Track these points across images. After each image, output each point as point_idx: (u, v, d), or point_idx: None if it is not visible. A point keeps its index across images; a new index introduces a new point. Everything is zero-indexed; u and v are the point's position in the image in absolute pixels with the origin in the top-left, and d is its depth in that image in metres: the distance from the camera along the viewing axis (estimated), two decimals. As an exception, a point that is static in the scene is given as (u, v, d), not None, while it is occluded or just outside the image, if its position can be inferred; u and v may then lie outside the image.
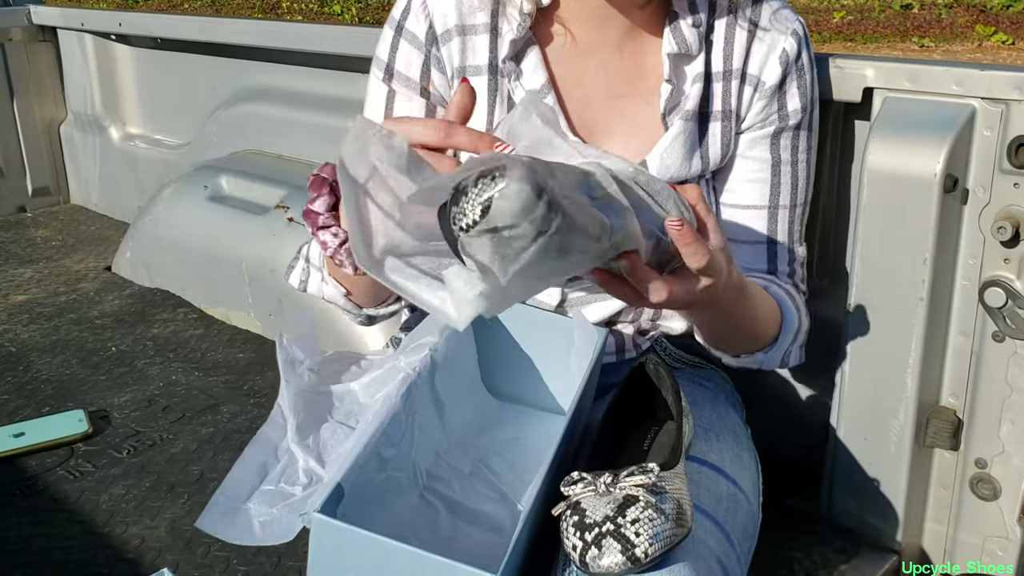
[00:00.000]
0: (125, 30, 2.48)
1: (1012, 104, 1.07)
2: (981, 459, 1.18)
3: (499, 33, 1.06)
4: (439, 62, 1.09)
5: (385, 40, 1.12)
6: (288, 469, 0.89)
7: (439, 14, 1.07)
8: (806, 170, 1.12)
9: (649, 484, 0.77)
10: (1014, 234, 1.08)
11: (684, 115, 1.05)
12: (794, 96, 1.08)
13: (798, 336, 1.11)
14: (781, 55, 1.06)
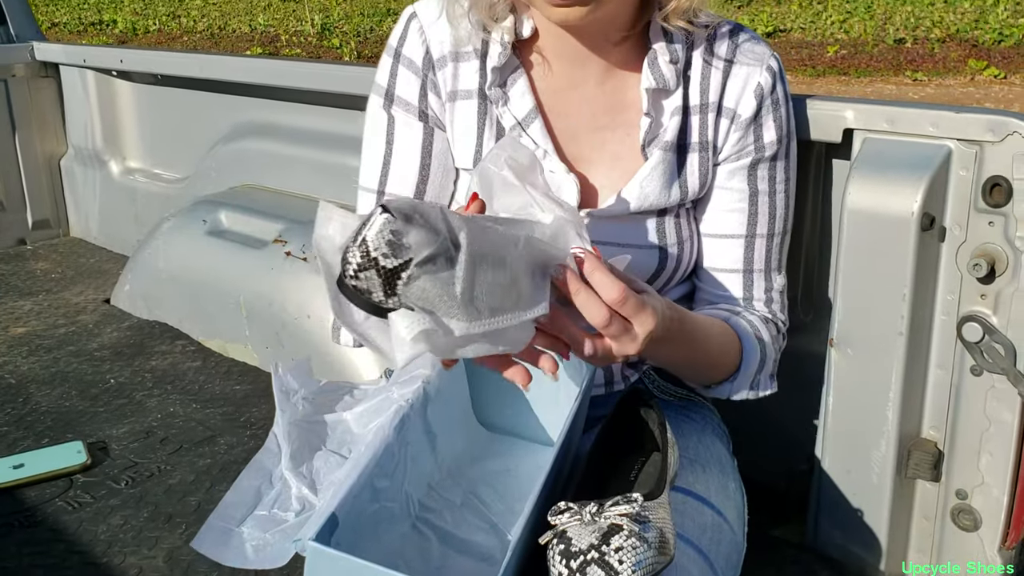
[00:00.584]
0: (126, 66, 2.52)
1: (986, 145, 1.10)
2: (962, 490, 1.21)
3: (487, 60, 1.11)
4: (435, 86, 1.13)
5: (384, 67, 1.16)
6: (281, 495, 0.92)
7: (435, 40, 1.12)
8: (784, 200, 1.15)
9: (633, 513, 0.79)
10: (989, 271, 1.11)
11: (663, 146, 1.08)
12: (770, 128, 1.11)
13: (764, 366, 1.13)
14: (756, 88, 1.09)
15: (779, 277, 1.18)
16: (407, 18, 1.15)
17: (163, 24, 16.66)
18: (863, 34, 12.31)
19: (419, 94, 1.14)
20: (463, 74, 1.12)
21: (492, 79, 1.09)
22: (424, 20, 1.13)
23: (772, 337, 1.14)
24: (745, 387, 1.13)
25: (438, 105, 1.14)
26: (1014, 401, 1.14)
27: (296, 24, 15.58)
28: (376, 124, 1.17)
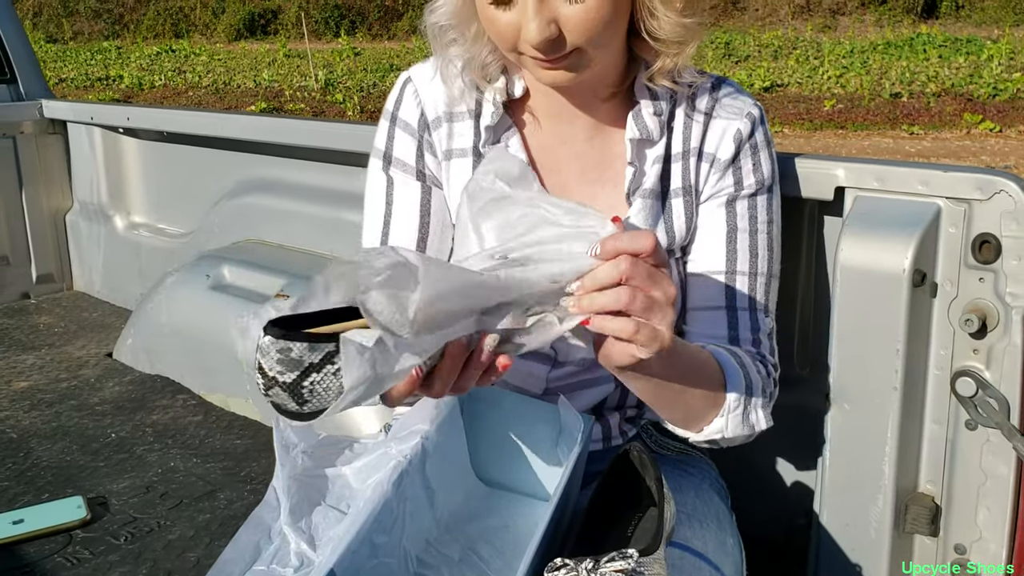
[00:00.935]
0: (133, 124, 2.57)
1: (974, 203, 1.13)
2: (960, 544, 1.21)
3: (481, 118, 1.14)
4: (431, 146, 1.17)
5: (382, 131, 1.20)
6: (280, 551, 0.92)
7: (430, 102, 1.16)
8: (767, 240, 1.14)
9: (628, 569, 0.80)
10: (981, 326, 1.13)
11: (644, 193, 1.11)
12: (748, 168, 1.12)
13: (753, 396, 1.08)
14: (735, 134, 1.12)
15: (766, 320, 1.15)
16: (403, 82, 1.19)
17: (169, 79, 16.91)
18: (859, 89, 12.48)
19: (416, 155, 1.17)
20: (458, 133, 1.15)
21: (486, 137, 1.12)
22: (418, 83, 1.17)
23: (758, 369, 1.11)
24: (739, 422, 1.07)
25: (434, 164, 1.17)
26: (1009, 455, 1.15)
27: (300, 79, 15.82)
28: (376, 186, 1.20)
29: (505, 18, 0.98)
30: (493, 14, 0.98)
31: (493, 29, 1.01)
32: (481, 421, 1.13)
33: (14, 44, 2.83)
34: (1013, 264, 1.11)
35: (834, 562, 1.27)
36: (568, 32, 0.97)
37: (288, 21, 26.57)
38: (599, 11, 0.96)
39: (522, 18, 0.96)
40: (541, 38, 0.95)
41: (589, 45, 0.98)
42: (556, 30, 0.96)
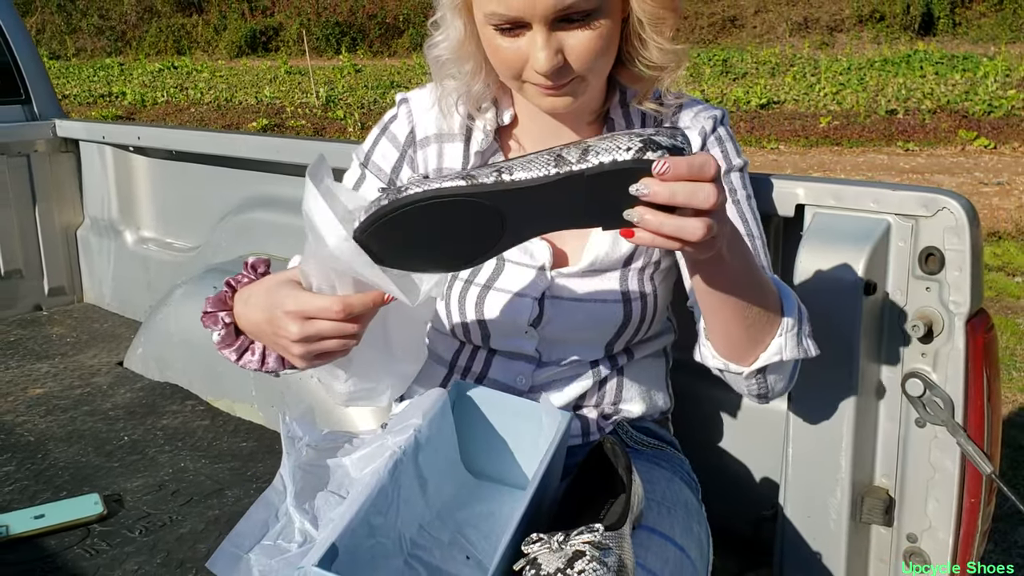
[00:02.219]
0: (143, 143, 2.68)
1: (920, 219, 1.24)
2: (912, 534, 1.32)
3: (470, 143, 1.26)
4: (412, 162, 1.29)
5: (371, 137, 1.33)
6: (286, 528, 1.03)
7: (421, 123, 1.28)
8: (750, 210, 1.23)
9: (595, 541, 0.91)
10: (927, 331, 1.23)
11: None
12: (717, 154, 1.24)
13: (802, 316, 1.11)
14: (700, 130, 1.24)
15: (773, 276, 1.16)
16: (399, 101, 1.31)
17: (171, 96, 17.05)
18: (855, 105, 12.61)
19: (393, 165, 1.29)
20: (448, 154, 1.27)
21: (474, 162, 1.23)
22: (415, 105, 1.29)
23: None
24: (795, 344, 1.09)
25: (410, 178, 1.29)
26: (955, 451, 1.25)
27: (301, 96, 15.96)
28: (350, 177, 1.32)
29: (512, 47, 1.08)
30: (500, 42, 1.08)
31: (498, 57, 1.10)
32: (470, 418, 1.24)
33: (29, 66, 2.95)
34: (955, 275, 1.22)
35: (797, 551, 1.37)
36: (573, 60, 1.08)
37: (289, 38, 26.77)
38: (600, 40, 1.07)
39: (531, 47, 1.07)
40: (550, 66, 1.06)
41: (590, 72, 1.10)
42: (563, 59, 1.07)
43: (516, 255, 1.23)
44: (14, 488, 1.75)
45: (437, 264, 0.98)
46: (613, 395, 1.29)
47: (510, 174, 0.86)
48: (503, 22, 1.06)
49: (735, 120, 11.82)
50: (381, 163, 1.30)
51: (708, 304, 1.06)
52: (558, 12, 1.03)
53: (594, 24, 1.06)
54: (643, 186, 0.83)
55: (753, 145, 10.66)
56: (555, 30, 1.06)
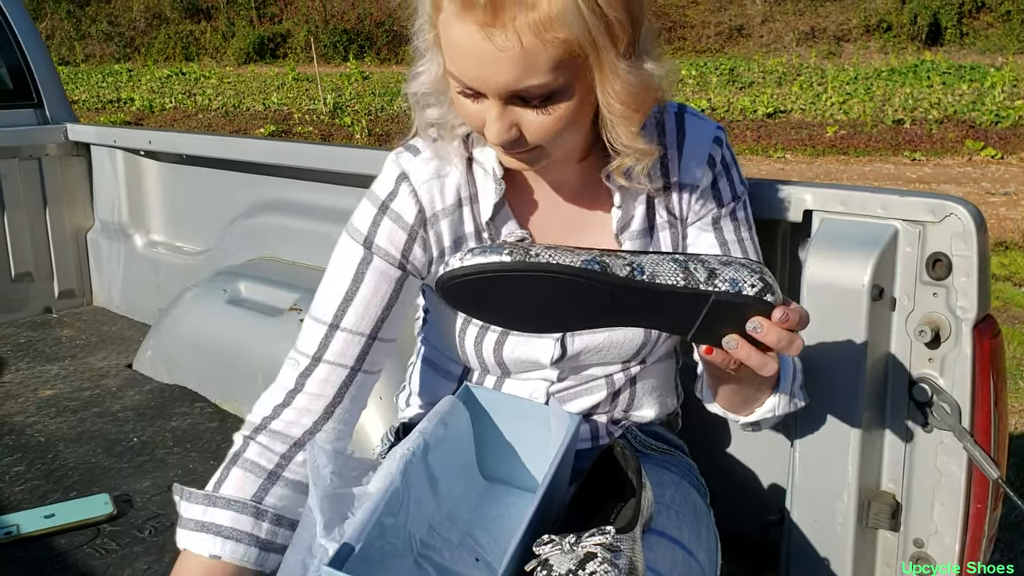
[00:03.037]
0: (154, 147, 2.70)
1: (928, 225, 1.24)
2: (919, 539, 1.32)
3: (476, 200, 1.21)
4: (424, 242, 1.20)
5: (366, 214, 1.20)
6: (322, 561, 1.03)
7: (427, 200, 1.19)
8: (752, 244, 1.26)
9: (606, 543, 0.91)
10: (934, 337, 1.24)
11: (631, 234, 1.21)
12: (725, 189, 1.24)
13: (796, 376, 1.22)
14: (708, 160, 1.22)
15: None
16: (396, 177, 1.20)
17: (179, 102, 17.12)
18: (862, 115, 12.63)
19: (403, 248, 1.19)
20: (458, 222, 1.21)
21: (489, 215, 1.19)
22: (415, 181, 1.19)
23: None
24: (786, 403, 1.20)
25: (422, 259, 1.21)
26: (961, 455, 1.26)
27: (308, 103, 16.01)
28: (347, 258, 1.20)
29: (473, 108, 1.04)
30: (462, 100, 1.05)
31: (462, 112, 1.07)
32: (480, 420, 1.24)
33: (41, 70, 2.97)
34: (962, 280, 1.23)
35: (804, 555, 1.38)
36: (529, 135, 1.03)
37: (297, 45, 26.86)
38: (559, 122, 1.02)
39: (487, 116, 1.02)
40: (501, 140, 1.03)
41: (549, 146, 1.06)
42: (517, 132, 1.03)
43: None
44: (24, 488, 1.77)
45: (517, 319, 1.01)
46: (626, 403, 1.30)
47: (641, 272, 0.92)
48: (462, 87, 1.03)
49: (742, 129, 11.84)
50: (387, 247, 1.19)
51: (714, 378, 1.17)
52: (512, 93, 0.99)
53: (552, 107, 1.01)
54: (758, 326, 0.94)
55: (760, 154, 10.67)
56: (510, 104, 1.01)
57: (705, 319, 0.93)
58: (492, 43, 0.95)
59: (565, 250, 0.92)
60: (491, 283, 0.92)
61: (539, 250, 0.91)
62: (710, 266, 0.93)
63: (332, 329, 1.19)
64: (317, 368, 1.19)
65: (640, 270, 0.92)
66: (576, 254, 0.92)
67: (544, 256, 0.91)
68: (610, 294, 0.93)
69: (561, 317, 0.99)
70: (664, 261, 0.93)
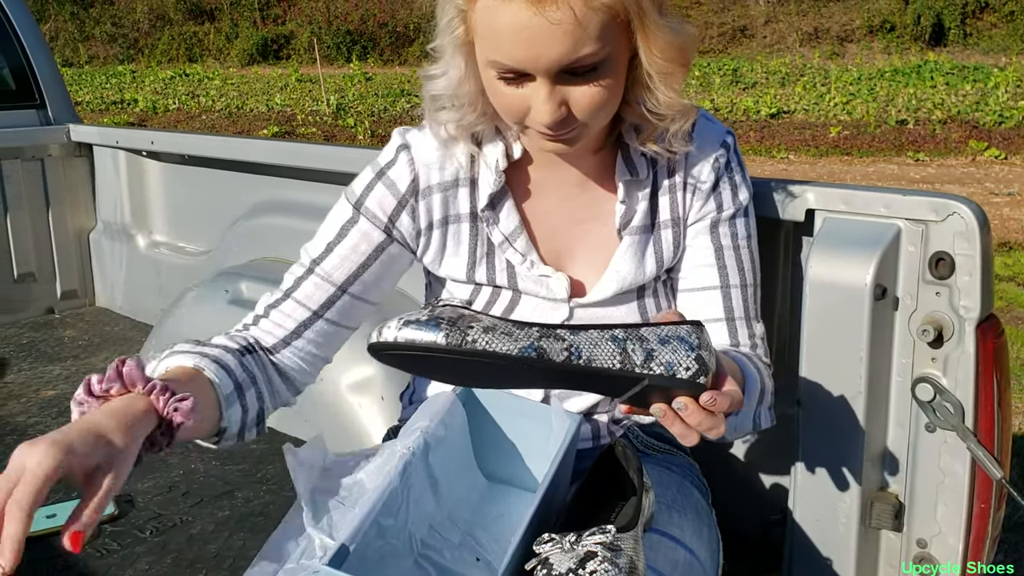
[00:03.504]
0: (157, 147, 2.70)
1: (930, 224, 1.24)
2: (922, 539, 1.32)
3: (476, 185, 1.23)
4: (413, 211, 1.24)
5: (364, 179, 1.26)
6: (307, 550, 1.03)
7: (424, 171, 1.23)
8: (748, 254, 1.27)
9: (607, 542, 0.91)
10: (937, 336, 1.24)
11: (633, 230, 1.22)
12: (727, 194, 1.24)
13: (764, 397, 1.21)
14: (713, 163, 1.23)
15: (758, 325, 1.28)
16: (398, 147, 1.24)
17: (182, 103, 17.15)
18: (866, 115, 12.61)
19: (391, 214, 1.23)
20: (452, 201, 1.23)
21: (485, 203, 1.21)
22: (416, 153, 1.23)
23: (766, 371, 1.24)
24: (749, 421, 1.21)
25: (409, 228, 1.24)
26: (964, 455, 1.25)
27: (312, 104, 16.02)
28: (338, 216, 1.27)
29: (515, 94, 1.06)
30: (503, 89, 1.06)
31: (501, 102, 1.08)
32: (480, 420, 1.24)
33: (44, 71, 2.97)
34: (965, 279, 1.22)
35: (807, 556, 1.37)
36: (577, 112, 1.06)
37: (300, 46, 26.89)
38: (605, 93, 1.05)
39: (534, 98, 1.04)
40: (552, 120, 1.05)
41: (592, 121, 1.08)
42: (566, 111, 1.05)
43: (533, 288, 1.23)
44: (26, 488, 1.76)
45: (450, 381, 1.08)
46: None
47: (578, 357, 0.93)
48: (505, 72, 1.04)
49: (745, 130, 11.84)
50: (376, 210, 1.24)
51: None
52: (563, 67, 1.01)
53: (599, 77, 1.04)
54: (683, 407, 0.93)
55: (763, 155, 10.67)
56: (559, 83, 1.03)
57: (637, 395, 0.95)
58: (544, 18, 0.97)
59: (503, 333, 0.93)
60: (424, 358, 0.94)
61: (476, 335, 0.92)
62: (648, 346, 0.94)
63: (308, 272, 1.26)
64: (284, 302, 1.26)
65: (577, 354, 0.93)
66: (514, 339, 0.93)
67: (481, 343, 0.92)
68: (544, 376, 0.96)
69: (492, 383, 1.07)
70: (603, 342, 0.94)
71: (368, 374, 1.85)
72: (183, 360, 1.13)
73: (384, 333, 0.94)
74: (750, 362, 1.21)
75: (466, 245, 1.25)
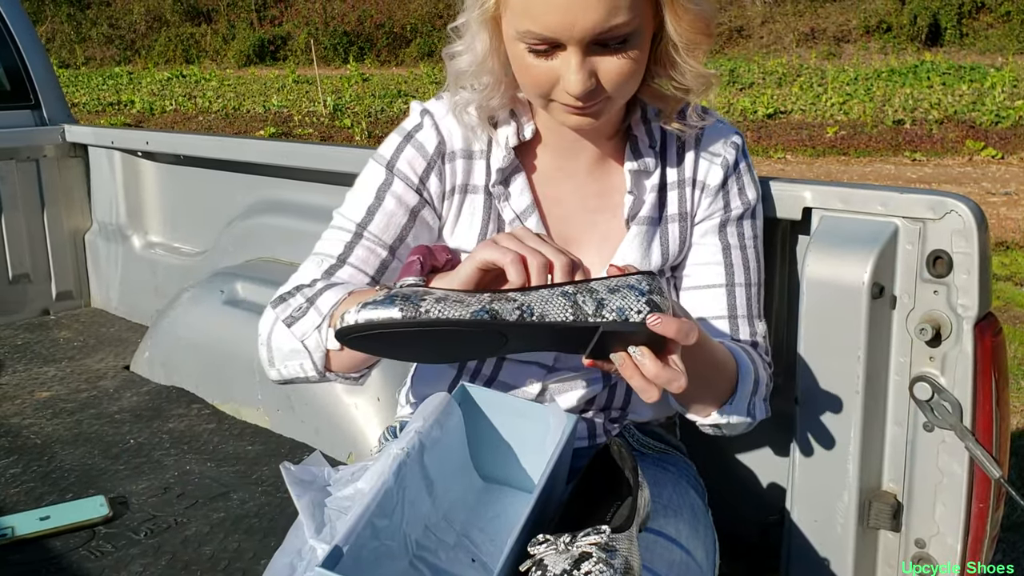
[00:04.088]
0: (152, 148, 2.69)
1: (928, 222, 1.23)
2: (920, 539, 1.31)
3: (491, 159, 1.24)
4: (440, 173, 1.25)
5: (391, 143, 1.27)
6: (311, 563, 1.02)
7: (448, 136, 1.24)
8: (754, 254, 1.28)
9: (602, 543, 0.90)
10: (935, 335, 1.23)
11: (641, 220, 1.23)
12: (735, 194, 1.25)
13: (758, 388, 1.23)
14: (722, 162, 1.24)
15: (760, 323, 1.29)
16: (421, 111, 1.26)
17: (179, 104, 17.12)
18: (862, 115, 12.61)
19: (421, 174, 1.24)
20: (473, 170, 1.25)
21: (496, 178, 1.23)
22: (438, 117, 1.24)
23: (763, 367, 1.25)
24: (743, 409, 1.20)
25: (437, 189, 1.25)
26: (963, 455, 1.25)
27: (309, 105, 16.01)
28: (371, 180, 1.26)
29: (544, 66, 1.07)
30: (531, 61, 1.07)
31: (527, 75, 1.09)
32: (475, 420, 1.23)
33: (39, 71, 2.96)
34: (963, 278, 1.21)
35: (804, 556, 1.37)
36: (606, 83, 1.07)
37: (297, 47, 26.86)
38: (634, 64, 1.07)
39: (564, 69, 1.05)
40: (583, 89, 1.05)
41: (618, 94, 1.10)
42: (595, 82, 1.06)
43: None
44: (20, 490, 1.75)
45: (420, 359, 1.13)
46: (623, 400, 1.29)
47: (531, 314, 0.95)
48: (537, 42, 1.05)
49: (742, 130, 11.82)
50: (407, 170, 1.24)
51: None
52: (596, 36, 1.02)
53: (629, 49, 1.05)
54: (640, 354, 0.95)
55: (760, 155, 10.66)
56: (590, 54, 1.05)
57: (597, 347, 0.97)
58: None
59: (455, 301, 0.96)
60: (386, 335, 0.97)
61: (429, 305, 0.95)
62: (598, 296, 0.95)
63: (357, 236, 1.24)
64: (341, 269, 1.23)
65: (530, 311, 0.95)
66: (466, 305, 0.95)
67: (434, 312, 0.94)
68: (502, 335, 0.98)
69: (459, 354, 1.10)
70: (554, 296, 0.96)
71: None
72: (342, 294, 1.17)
73: (346, 318, 0.96)
74: (744, 353, 1.22)
75: (480, 217, 1.25)
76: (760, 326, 1.29)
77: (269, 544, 1.53)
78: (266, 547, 1.52)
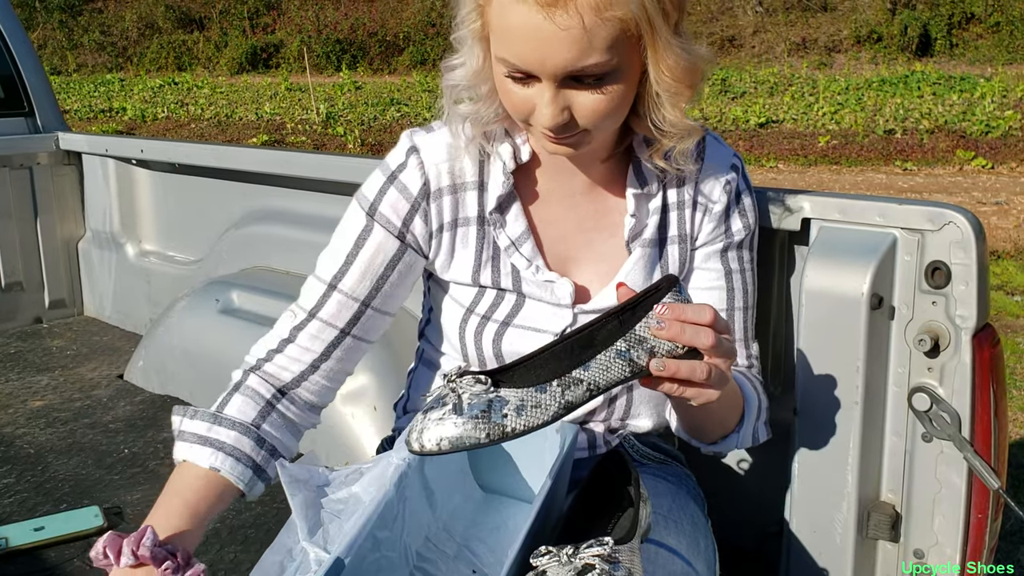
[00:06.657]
0: (146, 156, 2.68)
1: (926, 233, 1.24)
2: (919, 550, 1.31)
3: (485, 188, 1.23)
4: (426, 215, 1.23)
5: (375, 183, 1.24)
6: (302, 565, 1.01)
7: (434, 174, 1.22)
8: (752, 277, 1.29)
9: (604, 554, 0.90)
10: (934, 346, 1.23)
11: (643, 242, 1.22)
12: (737, 219, 1.26)
13: (761, 413, 1.25)
14: (725, 186, 1.24)
15: (754, 345, 1.31)
16: (408, 150, 1.23)
17: (171, 112, 17.08)
18: (854, 125, 12.64)
19: (404, 218, 1.22)
20: (463, 204, 1.23)
21: (493, 206, 1.21)
22: (425, 156, 1.22)
23: (761, 389, 1.26)
24: (749, 436, 1.23)
25: (422, 231, 1.23)
26: (961, 465, 1.25)
27: (301, 113, 15.99)
28: (352, 225, 1.25)
29: (522, 93, 1.06)
30: (511, 87, 1.06)
31: (508, 99, 1.09)
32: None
33: (33, 79, 2.96)
34: (962, 289, 1.22)
35: (803, 566, 1.37)
36: (580, 117, 1.06)
37: (290, 55, 26.85)
38: (610, 103, 1.05)
39: (538, 100, 1.05)
40: (553, 124, 1.04)
41: (596, 129, 1.08)
42: (568, 115, 1.05)
43: (537, 292, 1.23)
44: (14, 500, 1.74)
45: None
46: (623, 411, 1.29)
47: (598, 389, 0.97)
48: (513, 71, 1.04)
49: (734, 139, 11.88)
50: (390, 215, 1.22)
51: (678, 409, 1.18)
52: (567, 73, 1.01)
53: (605, 88, 1.03)
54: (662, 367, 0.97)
55: (752, 164, 10.70)
56: (564, 87, 1.04)
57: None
58: (554, 23, 0.97)
59: (532, 407, 0.96)
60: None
61: (511, 421, 0.94)
62: (648, 345, 0.97)
63: (330, 289, 1.24)
64: (310, 323, 1.24)
65: (596, 387, 0.97)
66: (544, 409, 0.96)
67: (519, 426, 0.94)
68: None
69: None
70: (611, 361, 0.97)
71: (360, 384, 1.84)
72: (198, 457, 1.18)
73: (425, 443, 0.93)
74: (747, 380, 1.24)
75: (472, 248, 1.24)
76: (754, 347, 1.31)
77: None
78: (262, 558, 1.51)
